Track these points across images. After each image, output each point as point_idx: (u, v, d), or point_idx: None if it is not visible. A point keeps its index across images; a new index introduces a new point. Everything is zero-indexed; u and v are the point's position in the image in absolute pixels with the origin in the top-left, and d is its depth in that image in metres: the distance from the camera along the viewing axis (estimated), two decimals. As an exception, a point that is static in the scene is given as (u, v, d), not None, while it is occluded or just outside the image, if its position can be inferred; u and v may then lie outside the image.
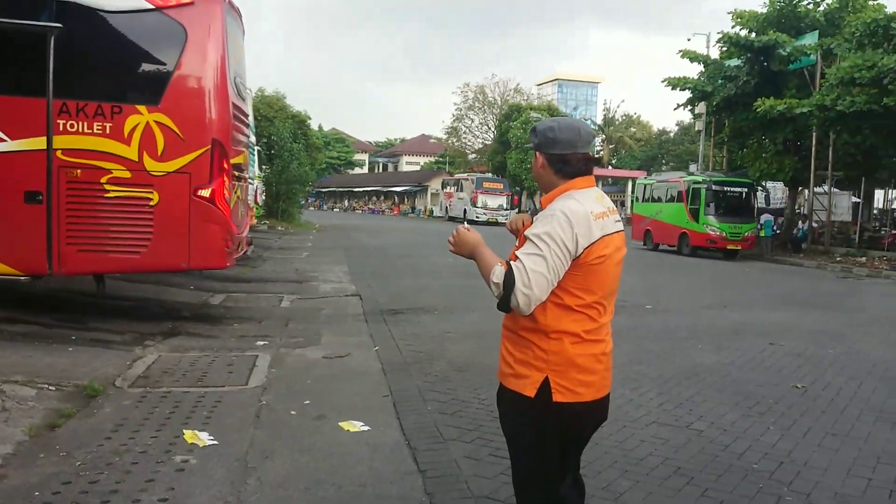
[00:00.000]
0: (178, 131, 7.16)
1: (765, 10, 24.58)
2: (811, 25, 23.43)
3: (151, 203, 7.15)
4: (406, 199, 73.99)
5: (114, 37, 7.29)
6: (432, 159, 79.73)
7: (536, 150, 2.52)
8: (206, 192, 7.26)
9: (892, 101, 16.15)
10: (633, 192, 63.49)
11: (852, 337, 8.81)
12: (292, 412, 5.01)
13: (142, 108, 7.10)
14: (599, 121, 78.70)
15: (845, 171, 24.26)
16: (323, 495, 3.67)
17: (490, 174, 54.10)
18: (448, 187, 53.75)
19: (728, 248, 22.56)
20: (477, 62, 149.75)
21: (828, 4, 24.07)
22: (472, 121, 64.47)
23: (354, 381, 5.95)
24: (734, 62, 24.44)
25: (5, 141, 6.87)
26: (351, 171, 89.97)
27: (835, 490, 3.89)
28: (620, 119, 78.27)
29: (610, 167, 73.93)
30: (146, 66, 7.42)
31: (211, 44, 7.31)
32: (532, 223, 2.42)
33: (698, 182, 23.42)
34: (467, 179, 50.15)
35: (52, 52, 6.82)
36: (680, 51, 25.83)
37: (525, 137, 48.34)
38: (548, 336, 2.39)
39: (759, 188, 25.48)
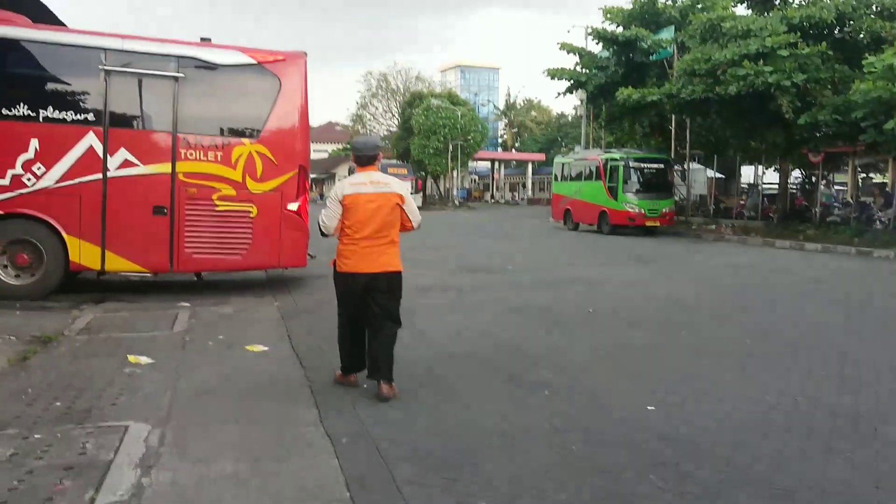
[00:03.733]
0: (273, 159, 8.97)
1: (630, 7, 27.29)
2: (668, 21, 26.27)
3: (251, 215, 8.96)
4: (314, 187, 74.58)
5: (224, 85, 9.09)
6: (340, 146, 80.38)
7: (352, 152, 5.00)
8: (294, 207, 9.11)
9: (723, 90, 18.96)
10: (533, 174, 67.02)
11: (655, 281, 11.28)
12: (209, 343, 6.69)
13: (245, 140, 8.98)
14: (502, 105, 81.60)
15: (703, 150, 27.40)
16: (234, 383, 5.41)
17: (395, 160, 55.63)
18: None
19: (647, 224, 22.30)
20: (381, 48, 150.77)
21: (682, 2, 27.04)
22: (377, 108, 65.72)
23: (257, 324, 7.66)
24: (605, 54, 27.07)
25: (138, 166, 8.64)
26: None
27: (572, 360, 6.03)
28: (522, 104, 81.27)
29: (514, 150, 77.04)
30: (250, 107, 9.16)
31: (298, 89, 9.12)
32: None
33: (615, 159, 22.97)
34: (372, 166, 51.39)
35: (176, 96, 8.69)
36: (559, 43, 28.22)
37: (427, 124, 50.36)
38: (339, 241, 4.92)
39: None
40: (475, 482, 3.55)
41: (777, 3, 21.79)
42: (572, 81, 28.23)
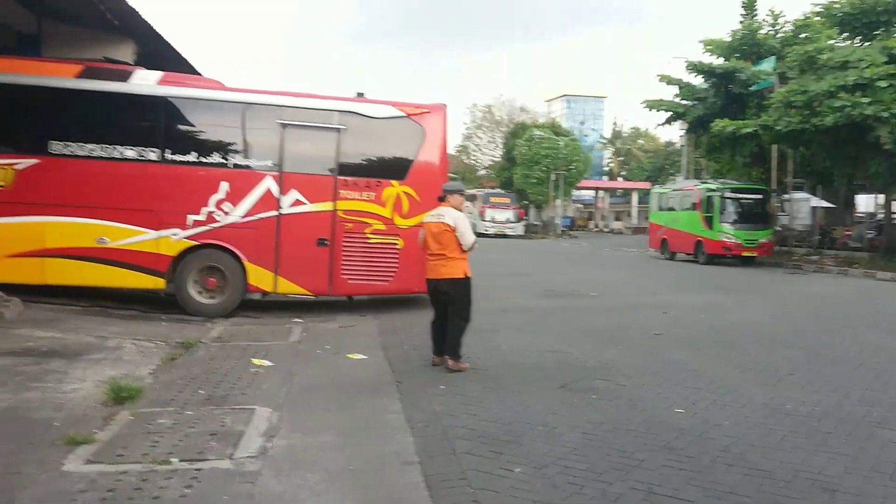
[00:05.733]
0: (417, 197, 10.38)
1: (729, 39, 27.41)
2: (769, 51, 26.21)
3: (398, 247, 10.50)
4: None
5: (378, 135, 10.66)
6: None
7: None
8: None
9: (818, 121, 18.93)
10: (638, 202, 66.49)
11: (729, 308, 11.75)
12: (318, 351, 7.97)
13: (394, 182, 10.52)
14: (608, 134, 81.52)
15: (808, 180, 26.94)
16: (337, 381, 6.61)
17: (499, 189, 56.81)
18: (457, 203, 56.20)
19: (743, 255, 22.40)
20: (486, 77, 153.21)
21: (784, 33, 26.91)
22: (481, 139, 67.47)
23: (358, 337, 8.89)
24: (704, 85, 27.27)
25: (306, 204, 10.32)
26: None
27: (624, 372, 6.86)
28: (629, 132, 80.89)
29: (620, 179, 76.71)
30: (398, 154, 10.73)
31: (439, 137, 10.63)
32: None
33: (712, 190, 23.37)
34: (476, 195, 52.84)
35: (338, 146, 10.35)
36: (658, 75, 28.65)
37: (529, 154, 51.38)
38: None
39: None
40: (516, 454, 4.54)
41: (879, 33, 21.47)
42: (671, 113, 28.54)
